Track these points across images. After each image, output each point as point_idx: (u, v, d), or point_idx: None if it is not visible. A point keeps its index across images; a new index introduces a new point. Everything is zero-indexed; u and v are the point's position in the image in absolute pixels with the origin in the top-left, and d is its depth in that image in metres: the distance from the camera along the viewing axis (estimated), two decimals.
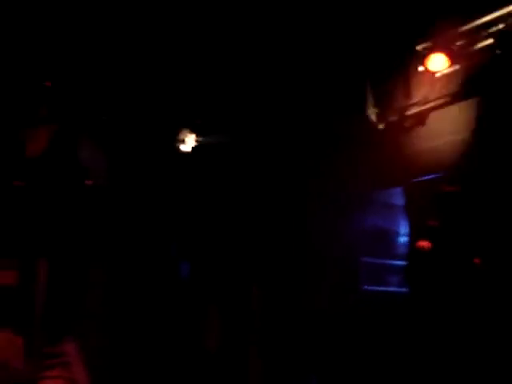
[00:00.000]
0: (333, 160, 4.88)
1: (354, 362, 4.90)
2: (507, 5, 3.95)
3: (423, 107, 4.54)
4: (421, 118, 4.56)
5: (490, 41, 3.98)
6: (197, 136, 4.97)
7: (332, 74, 4.66)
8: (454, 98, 4.35)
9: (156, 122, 4.71)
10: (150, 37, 4.26)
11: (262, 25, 4.33)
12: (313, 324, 4.98)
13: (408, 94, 4.52)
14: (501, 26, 3.78)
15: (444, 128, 4.68)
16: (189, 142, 4.90)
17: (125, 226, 4.74)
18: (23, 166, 3.06)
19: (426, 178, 4.68)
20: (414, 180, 4.67)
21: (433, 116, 4.68)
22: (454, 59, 4.14)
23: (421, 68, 4.36)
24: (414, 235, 4.61)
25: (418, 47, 4.31)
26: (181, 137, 4.80)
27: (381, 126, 4.68)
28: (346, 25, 4.22)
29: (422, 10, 4.16)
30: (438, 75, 4.42)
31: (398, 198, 5.18)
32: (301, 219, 4.97)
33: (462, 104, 4.46)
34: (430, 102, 4.52)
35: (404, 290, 4.86)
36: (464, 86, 4.28)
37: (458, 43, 4.12)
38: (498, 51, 3.72)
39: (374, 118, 4.60)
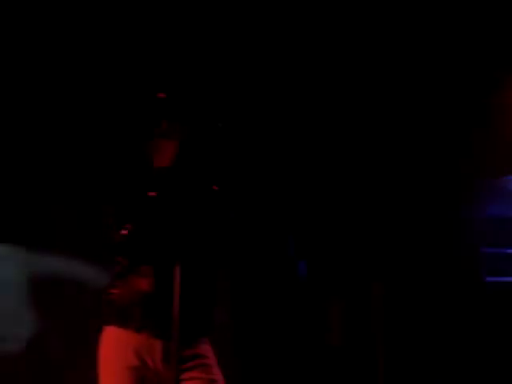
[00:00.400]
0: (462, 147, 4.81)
1: (480, 362, 4.83)
2: None
3: None
4: None
5: None
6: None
7: None
8: None
9: (272, 123, 4.80)
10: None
11: None
12: (436, 322, 4.94)
13: None
14: None
15: None
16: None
17: (245, 228, 4.84)
18: (154, 177, 3.18)
19: None
20: None
21: None
22: None
23: None
24: None
25: None
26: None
27: None
28: None
29: None
30: None
31: None
32: (425, 211, 4.93)
33: None
34: None
35: None
36: None
37: None
38: None
39: None
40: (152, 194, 3.12)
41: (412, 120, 5.29)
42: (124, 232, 3.10)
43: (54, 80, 5.05)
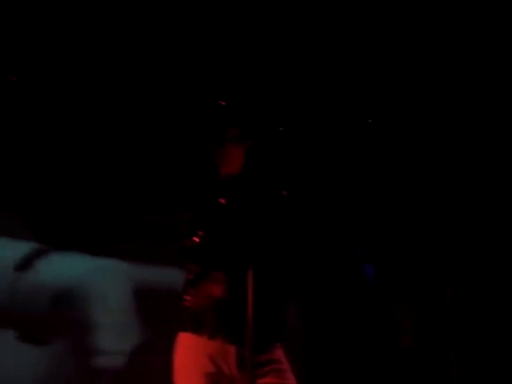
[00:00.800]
0: None
1: None
2: None
3: None
4: None
5: None
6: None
7: None
8: None
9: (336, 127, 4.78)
10: None
11: None
12: (507, 321, 4.83)
13: None
14: None
15: None
16: None
17: (311, 232, 4.84)
18: (223, 184, 3.20)
19: None
20: None
21: None
22: None
23: None
24: None
25: None
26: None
27: None
28: None
29: None
30: None
31: None
32: (494, 214, 4.83)
33: None
34: None
35: None
36: None
37: None
38: None
39: None
40: (222, 200, 3.14)
41: (488, 125, 5.24)
42: (196, 239, 3.13)
43: (121, 89, 5.14)
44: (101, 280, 5.74)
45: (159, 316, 5.30)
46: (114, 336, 5.66)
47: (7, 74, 4.83)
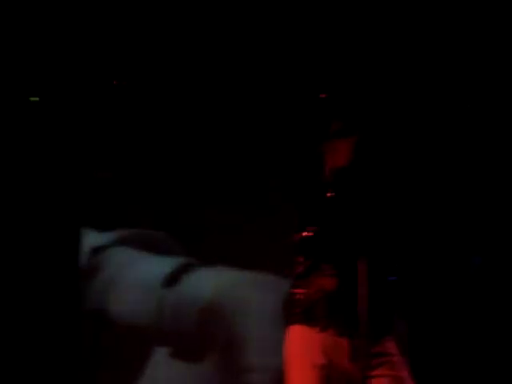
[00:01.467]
0: None
1: None
2: None
3: None
4: None
5: None
6: None
7: None
8: None
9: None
10: None
11: None
12: None
13: None
14: None
15: None
16: None
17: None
18: (331, 178, 3.21)
19: None
20: None
21: None
22: None
23: None
24: None
25: None
26: None
27: None
28: None
29: None
30: None
31: None
32: None
33: None
34: None
35: None
36: None
37: None
38: None
39: None
40: (330, 193, 3.16)
41: None
42: (305, 233, 3.16)
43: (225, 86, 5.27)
44: (248, 293, 5.83)
45: None
46: (263, 351, 5.72)
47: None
